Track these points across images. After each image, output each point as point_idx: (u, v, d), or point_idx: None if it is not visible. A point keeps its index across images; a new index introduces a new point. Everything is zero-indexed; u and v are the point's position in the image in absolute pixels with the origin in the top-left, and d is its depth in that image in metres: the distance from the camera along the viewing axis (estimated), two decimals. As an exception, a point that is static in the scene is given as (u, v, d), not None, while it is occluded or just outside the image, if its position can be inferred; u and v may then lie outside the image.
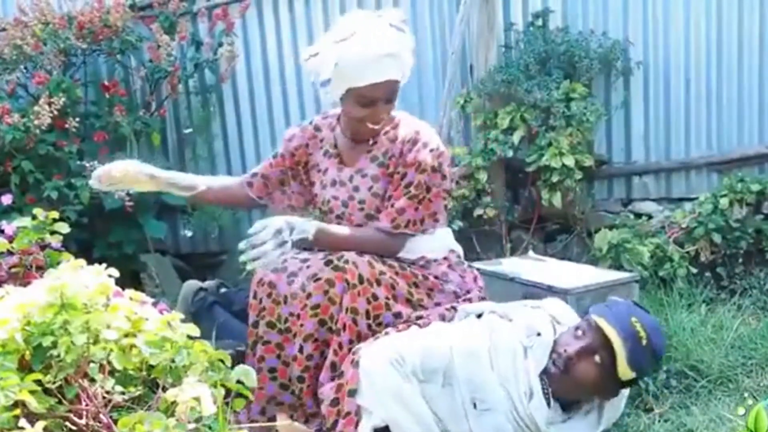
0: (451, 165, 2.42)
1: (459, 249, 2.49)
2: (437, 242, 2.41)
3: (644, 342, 2.02)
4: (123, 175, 2.42)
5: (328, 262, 2.19)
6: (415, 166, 2.28)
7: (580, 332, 2.10)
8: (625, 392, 2.23)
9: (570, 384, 2.08)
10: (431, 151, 2.30)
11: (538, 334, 2.16)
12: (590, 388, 2.09)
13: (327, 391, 2.10)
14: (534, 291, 2.71)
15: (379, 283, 2.20)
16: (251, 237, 2.11)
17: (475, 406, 2.04)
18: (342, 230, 2.31)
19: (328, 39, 2.24)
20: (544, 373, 2.10)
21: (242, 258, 2.11)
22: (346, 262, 2.17)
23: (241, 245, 2.11)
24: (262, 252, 2.08)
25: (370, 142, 2.36)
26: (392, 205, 2.30)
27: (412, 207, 2.29)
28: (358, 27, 2.20)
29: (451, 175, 2.39)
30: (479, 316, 2.26)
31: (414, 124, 2.38)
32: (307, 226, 2.19)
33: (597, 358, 2.05)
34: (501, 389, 2.06)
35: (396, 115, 2.38)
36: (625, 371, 2.04)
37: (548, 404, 2.07)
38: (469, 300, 2.36)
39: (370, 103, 2.23)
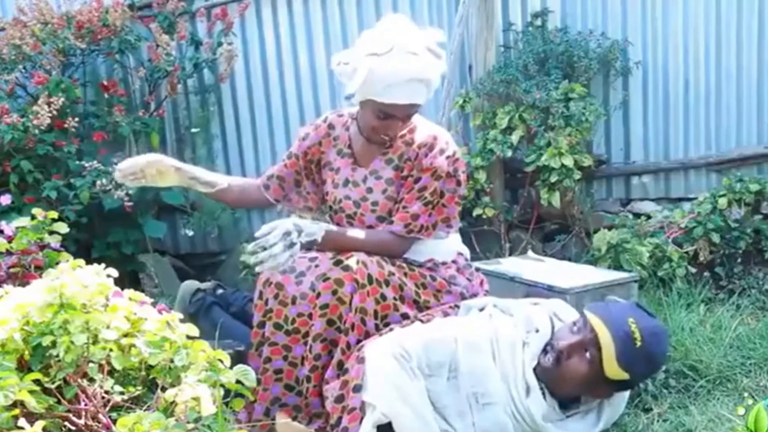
0: (465, 170, 2.40)
1: (466, 251, 2.49)
2: (445, 245, 2.41)
3: (638, 344, 2.00)
4: (148, 163, 2.40)
5: (337, 262, 2.19)
6: (430, 172, 2.28)
7: (575, 328, 2.10)
8: (625, 394, 2.22)
9: (560, 377, 2.08)
10: (447, 157, 2.30)
11: (537, 331, 2.17)
12: (579, 383, 2.08)
13: (332, 388, 2.10)
14: (536, 291, 2.71)
15: (387, 283, 2.20)
16: (259, 240, 2.10)
17: (476, 400, 2.04)
18: (350, 232, 2.30)
19: (363, 49, 2.18)
20: (538, 366, 2.10)
21: (252, 260, 2.10)
22: (356, 262, 2.17)
23: (250, 247, 2.10)
24: (271, 255, 2.07)
25: (386, 144, 2.36)
26: (404, 209, 2.30)
27: (426, 212, 2.30)
28: (397, 43, 2.14)
29: (465, 181, 2.39)
30: (481, 310, 2.26)
31: (431, 128, 2.38)
32: (315, 229, 2.18)
33: (588, 354, 2.04)
34: (501, 382, 2.06)
35: (412, 119, 2.36)
36: (613, 370, 2.02)
37: (544, 398, 2.07)
38: None
39: (387, 117, 2.23)
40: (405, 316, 2.23)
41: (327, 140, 2.46)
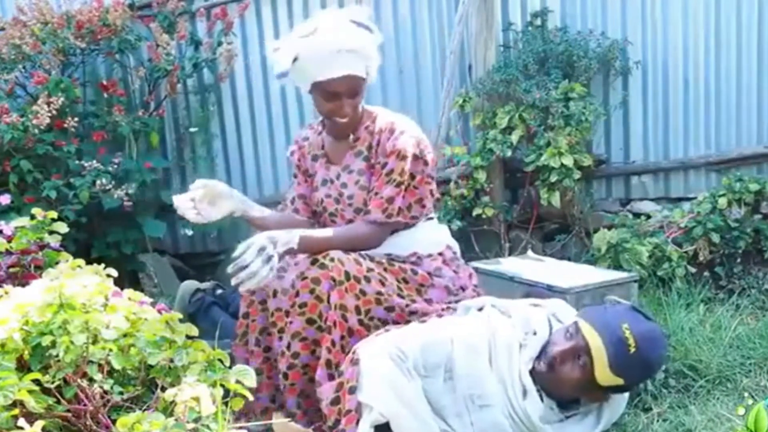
0: (432, 151, 2.43)
1: (455, 246, 2.49)
2: (429, 237, 2.41)
3: (632, 350, 1.99)
4: (204, 187, 2.37)
5: (313, 261, 2.20)
6: (395, 154, 2.30)
7: (568, 333, 2.09)
8: (625, 395, 2.22)
9: (554, 382, 2.07)
10: (410, 137, 2.33)
11: (534, 333, 2.16)
12: (573, 388, 2.08)
13: (326, 390, 2.10)
14: (536, 291, 2.71)
15: (368, 279, 2.21)
16: (237, 260, 2.10)
17: (473, 401, 2.04)
18: (325, 233, 2.32)
19: (293, 34, 2.30)
20: (534, 369, 2.10)
21: (233, 282, 2.10)
22: (332, 260, 2.18)
23: (229, 269, 2.10)
24: (251, 273, 2.07)
25: (351, 138, 2.39)
26: (377, 195, 2.31)
27: (399, 194, 2.31)
28: (320, 23, 2.25)
29: (433, 161, 2.40)
30: (480, 310, 2.26)
31: (390, 115, 2.43)
32: (290, 237, 2.19)
33: (580, 360, 2.04)
34: (498, 384, 2.06)
35: (374, 110, 2.43)
36: (605, 376, 2.01)
37: (541, 400, 2.07)
38: (463, 297, 2.36)
39: (333, 96, 2.27)
40: (391, 309, 2.23)
41: (302, 151, 2.54)
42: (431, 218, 2.46)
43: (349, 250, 2.24)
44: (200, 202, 2.37)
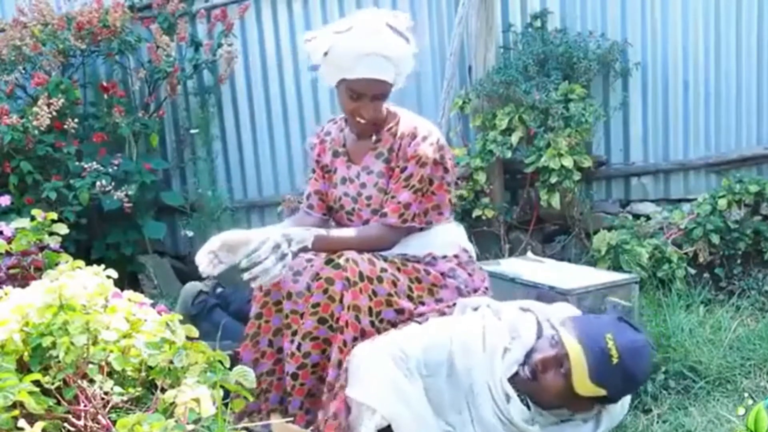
0: (453, 158, 2.42)
1: (471, 248, 2.50)
2: (445, 238, 2.42)
3: (614, 361, 1.97)
4: (221, 243, 2.26)
5: (328, 261, 2.21)
6: (415, 160, 2.31)
7: (553, 341, 2.08)
8: (626, 402, 2.20)
9: (538, 390, 2.06)
10: (431, 144, 2.33)
11: (519, 337, 2.15)
12: (556, 397, 2.06)
13: (327, 404, 2.11)
14: (545, 293, 2.69)
15: (381, 280, 2.21)
16: (251, 255, 2.10)
17: (473, 398, 2.04)
18: (339, 233, 2.32)
19: (329, 28, 2.30)
20: (517, 376, 2.09)
21: (245, 276, 2.09)
22: (347, 260, 2.18)
23: (243, 263, 2.10)
24: (264, 269, 2.08)
25: (374, 139, 2.39)
26: (393, 198, 2.32)
27: (416, 200, 2.32)
28: (356, 23, 2.26)
29: (453, 168, 2.41)
30: (475, 310, 2.26)
31: (413, 119, 2.43)
32: (305, 235, 2.20)
33: (563, 369, 2.02)
34: (486, 385, 2.06)
35: (398, 112, 2.43)
36: (585, 386, 1.99)
37: (528, 407, 2.06)
38: None
39: (358, 97, 2.28)
40: (400, 312, 2.23)
41: (323, 146, 2.52)
42: (448, 220, 2.46)
43: (363, 251, 2.25)
44: (219, 251, 2.29)
